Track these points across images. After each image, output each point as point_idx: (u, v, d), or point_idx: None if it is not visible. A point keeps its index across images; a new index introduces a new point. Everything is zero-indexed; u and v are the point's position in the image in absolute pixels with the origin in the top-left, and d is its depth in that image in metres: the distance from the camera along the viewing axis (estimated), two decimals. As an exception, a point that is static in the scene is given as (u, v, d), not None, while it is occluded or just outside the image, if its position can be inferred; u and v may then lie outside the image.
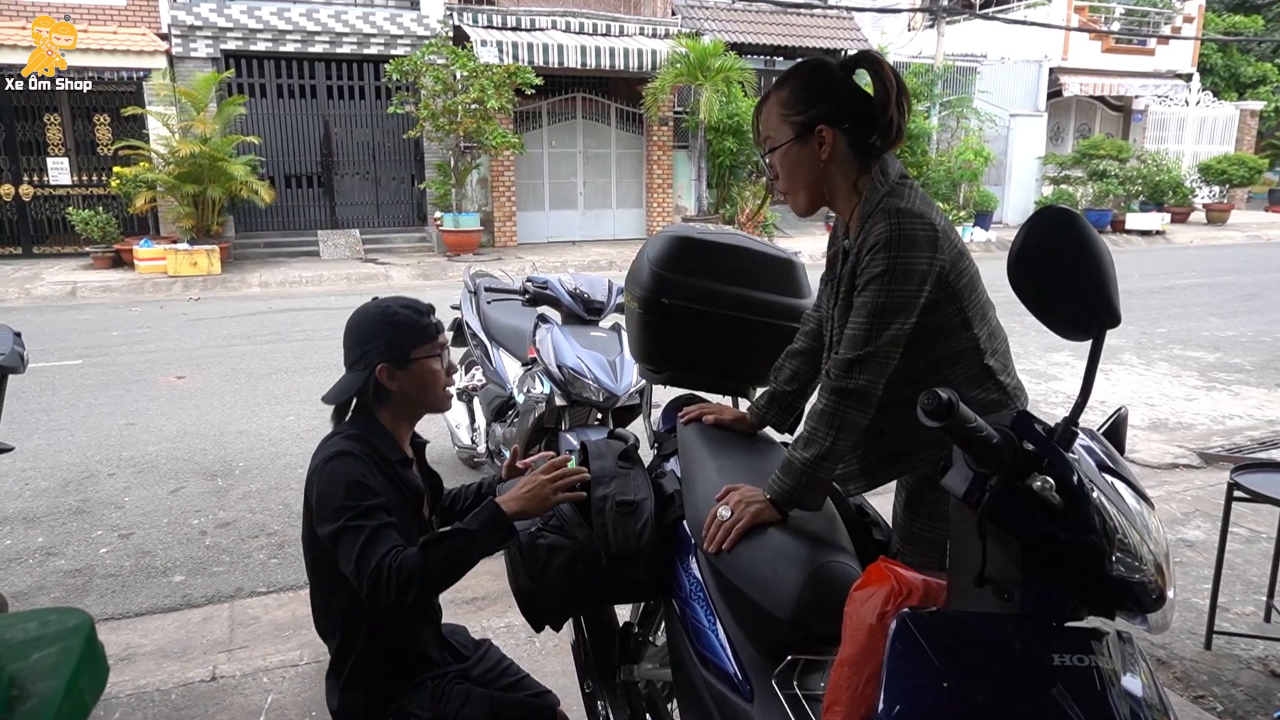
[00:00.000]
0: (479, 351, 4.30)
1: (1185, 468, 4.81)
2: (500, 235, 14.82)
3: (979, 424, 0.97)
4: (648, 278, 2.08)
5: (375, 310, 1.84)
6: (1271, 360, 7.25)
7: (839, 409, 1.52)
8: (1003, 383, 1.61)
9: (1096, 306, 1.03)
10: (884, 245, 1.50)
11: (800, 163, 1.64)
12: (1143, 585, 0.98)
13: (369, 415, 1.85)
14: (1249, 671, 2.69)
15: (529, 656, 2.78)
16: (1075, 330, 1.07)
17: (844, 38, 17.39)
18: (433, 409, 1.89)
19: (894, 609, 1.12)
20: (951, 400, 0.95)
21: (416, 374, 1.82)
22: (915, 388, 1.60)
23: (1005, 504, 0.97)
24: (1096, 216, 17.61)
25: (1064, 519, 0.95)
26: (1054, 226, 1.07)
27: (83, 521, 4.03)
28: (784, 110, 1.63)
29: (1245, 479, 2.72)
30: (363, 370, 1.80)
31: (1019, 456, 0.98)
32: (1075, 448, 1.02)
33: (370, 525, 1.66)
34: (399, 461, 1.84)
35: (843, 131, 1.61)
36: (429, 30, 14.02)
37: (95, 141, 13.30)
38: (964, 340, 1.59)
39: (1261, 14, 26.44)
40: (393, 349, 1.79)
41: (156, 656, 2.96)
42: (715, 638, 1.59)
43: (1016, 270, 1.10)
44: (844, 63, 1.66)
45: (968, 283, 1.58)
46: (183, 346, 7.77)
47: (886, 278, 1.50)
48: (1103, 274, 1.03)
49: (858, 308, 1.54)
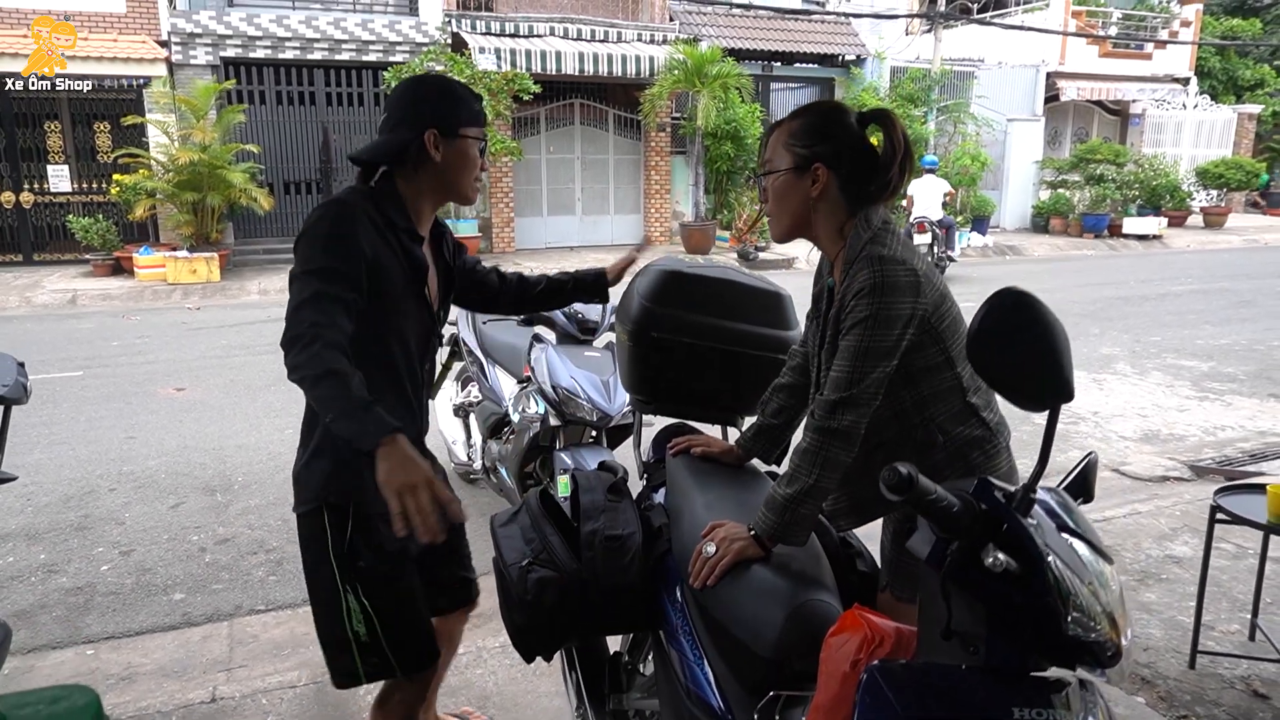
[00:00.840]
0: (475, 368, 4.34)
1: (1176, 480, 4.86)
2: (498, 241, 14.88)
3: (939, 494, 1.02)
4: (637, 311, 2.13)
5: (435, 79, 1.87)
6: (1264, 370, 7.29)
7: (823, 448, 1.57)
8: (986, 419, 1.67)
9: (1051, 383, 1.08)
10: (868, 291, 1.55)
11: (791, 193, 1.70)
12: (1099, 644, 1.02)
13: (388, 181, 1.83)
14: (1232, 691, 2.74)
15: (523, 677, 2.83)
16: (1032, 403, 1.12)
17: (841, 43, 17.45)
18: (461, 197, 1.88)
19: (867, 657, 1.17)
20: (911, 474, 0.99)
21: (460, 151, 1.82)
22: (902, 425, 1.66)
23: (966, 567, 1.02)
24: (1094, 221, 17.69)
25: (1021, 583, 1.00)
26: (1011, 307, 1.12)
27: (84, 538, 4.08)
28: (790, 140, 1.70)
29: (1226, 500, 2.77)
30: (409, 132, 1.78)
31: (978, 523, 1.03)
32: (1034, 511, 1.06)
33: (324, 290, 1.63)
34: (406, 232, 1.82)
35: (838, 175, 1.67)
36: (428, 37, 14.08)
37: (95, 149, 13.36)
38: (948, 379, 1.65)
39: (1259, 17, 26.49)
40: (445, 117, 1.79)
41: (157, 676, 3.00)
42: (700, 671, 1.64)
43: (975, 348, 1.15)
44: (861, 114, 1.72)
45: (950, 324, 1.64)
46: (182, 357, 7.81)
47: (870, 323, 1.55)
48: (1057, 352, 1.08)
49: (842, 351, 1.59)
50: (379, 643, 1.87)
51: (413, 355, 1.90)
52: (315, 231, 1.71)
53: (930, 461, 1.65)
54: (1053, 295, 11.01)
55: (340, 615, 1.84)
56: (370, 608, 1.84)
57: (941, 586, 1.04)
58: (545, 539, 1.84)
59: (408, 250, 1.83)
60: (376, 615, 1.85)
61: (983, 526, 1.03)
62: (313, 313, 1.63)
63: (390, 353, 1.85)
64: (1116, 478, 4.91)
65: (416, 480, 1.53)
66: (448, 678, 2.81)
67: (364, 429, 1.55)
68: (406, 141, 1.79)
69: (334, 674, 1.92)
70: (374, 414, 1.56)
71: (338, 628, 1.86)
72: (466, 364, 4.55)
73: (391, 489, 1.52)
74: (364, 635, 1.86)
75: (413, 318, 1.87)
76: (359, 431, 1.56)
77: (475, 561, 2.31)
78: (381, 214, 1.78)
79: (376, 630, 1.85)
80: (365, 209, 1.76)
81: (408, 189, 1.84)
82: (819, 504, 1.61)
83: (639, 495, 2.10)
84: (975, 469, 1.64)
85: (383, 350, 1.83)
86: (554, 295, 2.35)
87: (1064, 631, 1.00)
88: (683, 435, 2.19)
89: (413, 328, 1.88)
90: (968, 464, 1.65)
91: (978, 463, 1.66)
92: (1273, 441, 5.48)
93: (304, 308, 1.63)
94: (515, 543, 1.88)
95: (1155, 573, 3.52)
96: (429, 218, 1.92)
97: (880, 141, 1.69)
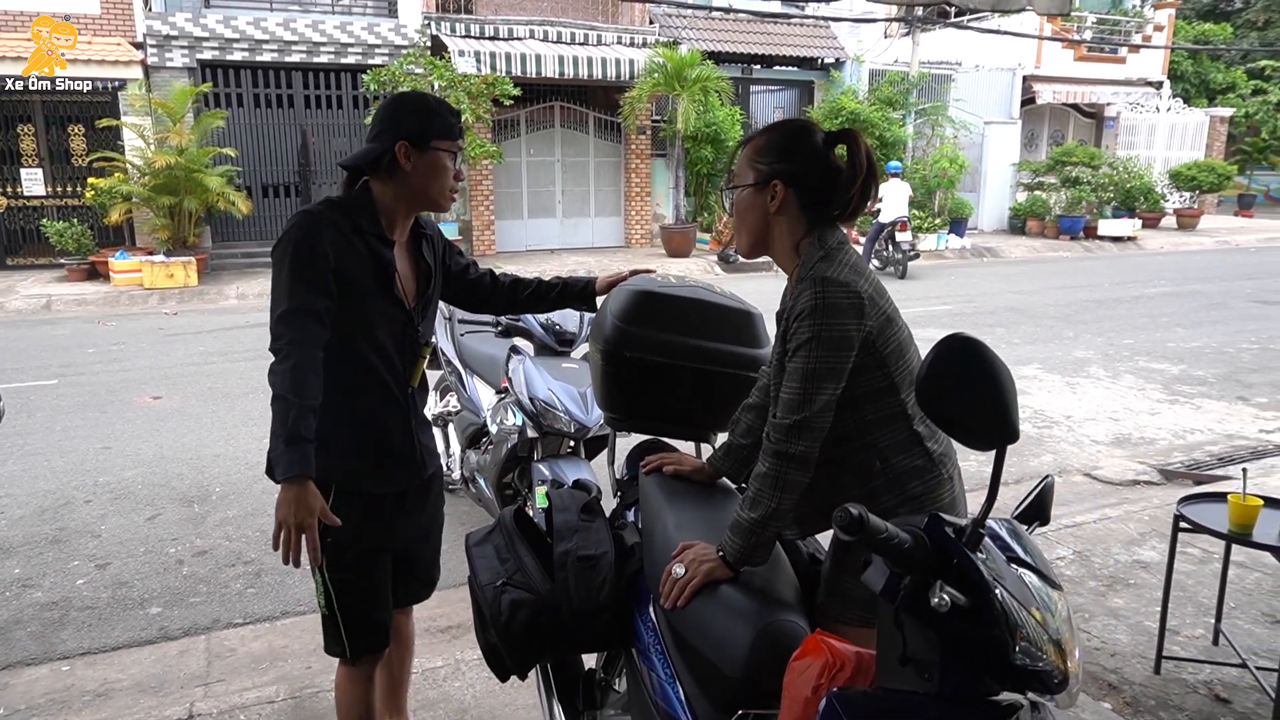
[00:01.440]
0: (453, 379, 4.36)
1: (1146, 484, 4.96)
2: (479, 244, 14.86)
3: (890, 532, 1.05)
4: (610, 331, 2.16)
5: (413, 95, 2.03)
6: (1233, 372, 7.42)
7: (781, 472, 1.60)
8: (930, 449, 1.65)
9: (998, 425, 1.12)
10: (809, 312, 1.57)
11: (751, 208, 1.74)
12: (1045, 672, 1.06)
13: (365, 189, 1.98)
14: (1195, 695, 2.80)
15: (500, 690, 2.84)
16: (979, 444, 1.16)
17: (820, 46, 17.55)
18: (434, 205, 2.01)
19: (828, 681, 1.20)
20: (861, 515, 1.03)
21: (430, 162, 1.95)
22: (845, 448, 1.66)
23: (919, 600, 1.05)
24: (1070, 223, 17.89)
25: (971, 615, 1.04)
26: (959, 352, 1.16)
27: (59, 551, 4.05)
28: (754, 156, 1.73)
29: (1189, 510, 2.83)
30: (383, 143, 1.92)
31: (930, 558, 1.06)
32: (984, 544, 1.10)
33: (298, 302, 1.83)
34: (374, 236, 1.96)
35: (798, 193, 1.70)
36: (407, 40, 14.04)
37: (70, 152, 13.22)
38: (892, 405, 1.65)
39: (1230, 21, 26.90)
40: (416, 130, 1.93)
41: (133, 692, 3.00)
42: (671, 689, 1.67)
43: (924, 391, 1.18)
44: (829, 134, 1.74)
45: (895, 349, 1.64)
46: (159, 364, 7.76)
47: (814, 344, 1.57)
48: (1002, 395, 1.12)
49: (790, 373, 1.60)
50: (335, 621, 2.05)
51: (389, 353, 2.02)
52: (284, 243, 1.88)
53: (868, 487, 1.66)
54: (1029, 298, 11.18)
55: (319, 590, 2.06)
56: (331, 585, 2.02)
57: (895, 618, 1.08)
58: (519, 559, 1.87)
59: (375, 253, 1.96)
60: (336, 595, 2.02)
61: (934, 562, 1.06)
62: (289, 328, 1.83)
63: (362, 352, 1.98)
64: (1088, 482, 5.00)
65: (297, 521, 1.77)
66: (425, 691, 2.84)
67: (280, 460, 1.77)
68: (380, 151, 1.93)
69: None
70: (294, 451, 1.76)
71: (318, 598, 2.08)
72: (445, 374, 4.56)
73: (277, 518, 1.78)
74: (324, 610, 2.06)
75: (385, 316, 2.00)
76: (276, 461, 1.79)
77: (450, 575, 2.38)
78: (350, 220, 1.93)
79: (335, 608, 2.03)
80: (332, 218, 1.92)
81: (382, 196, 1.98)
82: (782, 525, 1.65)
83: (612, 513, 2.13)
84: (914, 499, 1.64)
85: (356, 350, 1.97)
86: (543, 299, 2.47)
87: (1011, 661, 1.04)
88: (656, 452, 2.22)
89: (385, 326, 2.00)
90: (905, 492, 1.64)
91: (916, 492, 1.64)
92: (1240, 445, 5.59)
93: (283, 321, 1.83)
94: (490, 562, 1.91)
95: (1123, 578, 3.59)
96: (404, 223, 2.05)
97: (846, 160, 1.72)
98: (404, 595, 2.30)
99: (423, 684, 2.86)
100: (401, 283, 2.03)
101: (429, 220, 2.20)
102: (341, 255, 1.89)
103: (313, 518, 1.79)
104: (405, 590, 2.29)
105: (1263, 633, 3.14)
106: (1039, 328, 9.25)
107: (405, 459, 2.10)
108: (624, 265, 14.16)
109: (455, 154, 1.99)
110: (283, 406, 1.78)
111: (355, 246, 1.92)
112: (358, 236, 1.92)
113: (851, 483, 1.67)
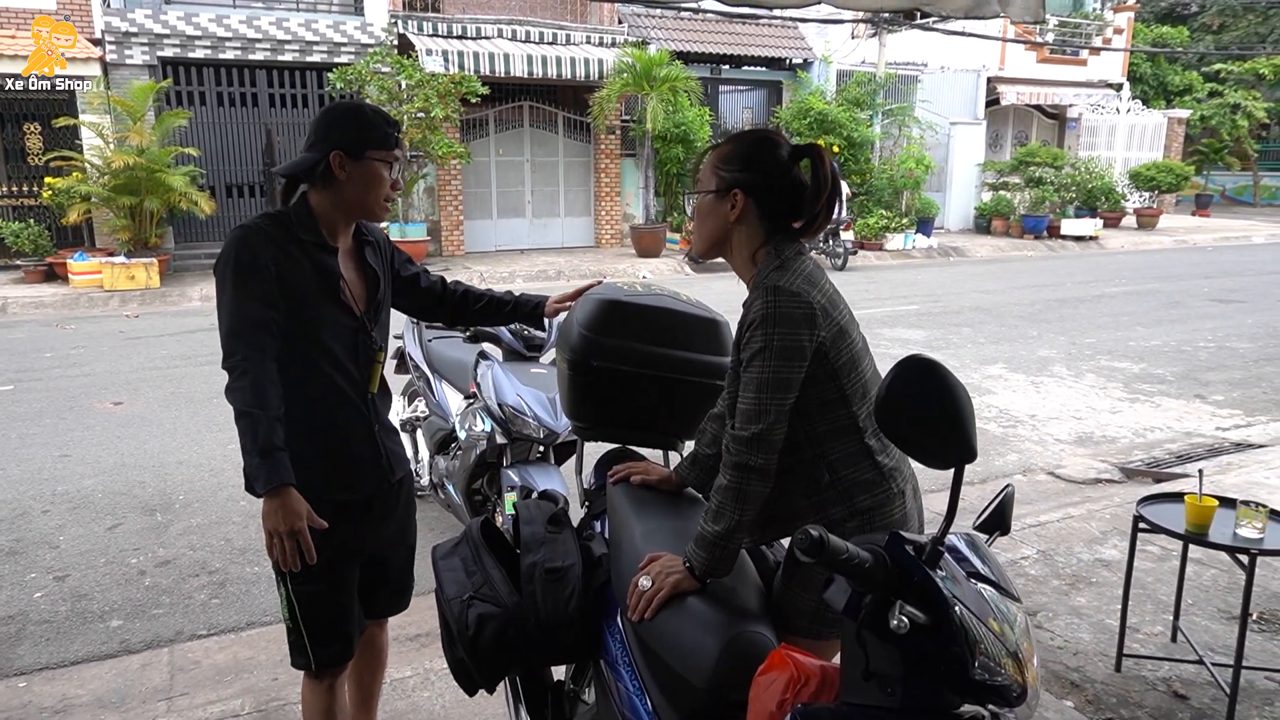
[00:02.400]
0: (421, 383, 4.32)
1: (1108, 482, 5.05)
2: (448, 244, 14.77)
3: (851, 553, 1.06)
4: (577, 340, 2.15)
5: (347, 104, 2.05)
6: (1191, 370, 7.59)
7: (742, 484, 1.60)
8: (880, 463, 1.65)
9: (956, 444, 1.14)
10: (760, 322, 1.58)
11: (711, 214, 1.75)
12: (1005, 686, 1.08)
13: (302, 199, 1.98)
14: (1154, 693, 2.86)
15: (469, 701, 2.82)
16: (939, 463, 1.18)
17: (788, 46, 17.66)
18: (369, 214, 2.02)
19: (792, 696, 1.21)
20: (821, 537, 1.04)
21: (365, 172, 1.94)
22: (795, 457, 1.66)
23: (880, 618, 1.07)
24: (1034, 222, 18.17)
25: (931, 632, 1.05)
26: (917, 373, 1.17)
27: (15, 564, 3.96)
28: (717, 162, 1.74)
29: (1148, 510, 2.89)
30: (318, 152, 1.92)
31: (890, 577, 1.08)
32: (943, 560, 1.12)
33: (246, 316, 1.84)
34: (315, 244, 1.96)
35: (757, 203, 1.71)
36: (373, 39, 13.90)
37: (26, 150, 12.92)
38: (843, 418, 1.65)
39: (1187, 24, 27.47)
40: (351, 140, 1.93)
41: (94, 708, 2.94)
42: (640, 702, 1.67)
43: (883, 412, 1.20)
44: (795, 148, 1.75)
45: (848, 361, 1.64)
46: (120, 369, 7.62)
47: (767, 354, 1.57)
48: (961, 416, 1.14)
49: (746, 383, 1.61)
50: (300, 633, 2.04)
51: (337, 357, 2.01)
52: (224, 259, 1.89)
53: (817, 498, 1.66)
54: (994, 297, 11.34)
55: (280, 600, 2.05)
56: (295, 596, 2.00)
57: (858, 635, 1.09)
58: (486, 571, 1.86)
59: (317, 261, 1.97)
60: (300, 606, 2.01)
61: (895, 580, 1.08)
62: (240, 344, 1.84)
63: (314, 360, 1.98)
64: (1052, 481, 5.08)
65: (288, 528, 1.80)
66: (394, 701, 2.81)
67: (258, 474, 1.79)
68: (315, 161, 1.93)
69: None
70: (270, 462, 1.78)
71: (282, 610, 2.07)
72: (413, 378, 4.52)
73: (266, 528, 1.82)
74: (289, 623, 2.05)
75: (335, 324, 2.00)
76: (255, 474, 1.80)
77: (419, 583, 2.37)
78: (287, 231, 1.94)
79: (299, 620, 2.02)
80: (269, 231, 1.93)
81: (320, 205, 1.98)
82: (744, 536, 1.65)
83: (580, 523, 2.12)
84: (862, 512, 1.64)
85: (308, 358, 1.97)
86: (493, 314, 2.46)
87: (971, 676, 1.05)
88: (624, 461, 2.22)
89: (335, 333, 2.00)
90: (853, 505, 1.64)
91: (864, 506, 1.64)
92: (1198, 442, 5.72)
93: (234, 338, 1.85)
94: (456, 575, 1.90)
95: (1085, 576, 3.65)
96: (344, 230, 2.06)
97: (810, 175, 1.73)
98: (377, 606, 2.28)
99: (391, 694, 2.83)
100: (349, 289, 2.03)
101: (372, 227, 2.18)
102: (282, 266, 1.90)
103: (301, 521, 1.81)
104: (378, 600, 2.27)
105: (1219, 629, 3.21)
106: (1004, 327, 9.38)
107: (369, 464, 2.09)
108: (594, 265, 14.21)
109: (391, 164, 1.99)
110: (249, 422, 1.79)
111: (295, 256, 1.93)
112: (296, 246, 1.93)
113: (800, 492, 1.68)
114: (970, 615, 1.06)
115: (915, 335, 8.59)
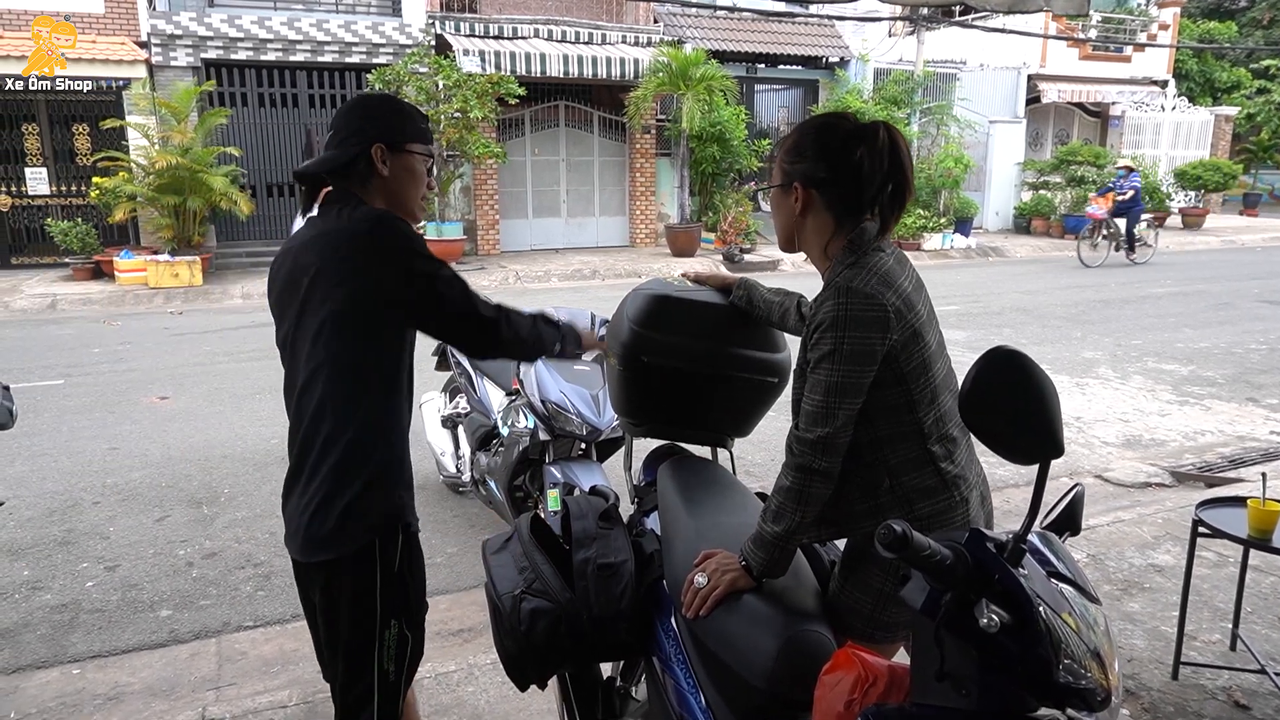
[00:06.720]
0: (463, 380, 4.34)
1: (1158, 486, 4.93)
2: (483, 244, 14.84)
3: (932, 549, 1.03)
4: (627, 336, 2.13)
5: (379, 95, 1.92)
6: (1242, 373, 7.39)
7: (804, 486, 1.56)
8: (942, 469, 1.59)
9: (1042, 438, 1.10)
10: (829, 325, 1.52)
11: (779, 207, 1.72)
12: (1089, 690, 1.04)
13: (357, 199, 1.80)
14: (1214, 702, 2.78)
15: (514, 695, 2.80)
16: (1024, 458, 1.14)
17: (825, 45, 17.52)
18: (407, 211, 1.87)
19: (860, 696, 1.18)
20: (905, 533, 1.01)
21: (406, 165, 1.82)
22: (855, 461, 1.61)
23: (960, 617, 1.03)
24: (1075, 222, 17.82)
25: (1014, 632, 1.02)
26: (1003, 366, 1.14)
27: (68, 553, 4.04)
28: (783, 156, 1.70)
29: (1208, 514, 2.81)
30: (356, 146, 1.77)
31: (971, 575, 1.04)
32: (1025, 560, 1.08)
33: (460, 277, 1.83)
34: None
35: (820, 194, 1.64)
36: (411, 39, 14.02)
37: (74, 151, 13.22)
38: (908, 423, 1.59)
39: (1235, 20, 26.81)
40: (392, 131, 1.80)
41: (145, 695, 2.99)
42: (694, 700, 1.65)
43: (967, 405, 1.16)
44: (856, 128, 1.63)
45: (918, 365, 1.58)
46: (165, 364, 7.75)
47: (836, 358, 1.52)
48: (1047, 409, 1.10)
49: (812, 385, 1.56)
50: (399, 678, 1.84)
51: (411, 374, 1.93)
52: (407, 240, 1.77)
53: (874, 502, 1.61)
54: (1035, 297, 11.14)
55: (371, 661, 1.79)
56: (411, 637, 1.84)
57: (935, 633, 1.06)
58: (537, 568, 1.85)
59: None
60: (413, 643, 1.85)
61: (975, 578, 1.04)
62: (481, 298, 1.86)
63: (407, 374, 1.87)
64: (1100, 484, 4.97)
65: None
66: (439, 695, 2.83)
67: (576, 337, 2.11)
68: (354, 155, 1.78)
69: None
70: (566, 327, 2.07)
71: (366, 675, 1.80)
72: (454, 375, 4.54)
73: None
74: (392, 674, 1.82)
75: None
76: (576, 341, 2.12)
77: (462, 578, 2.35)
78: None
79: (404, 662, 1.84)
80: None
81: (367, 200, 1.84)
82: (803, 537, 1.63)
83: (630, 520, 2.11)
84: (921, 519, 1.58)
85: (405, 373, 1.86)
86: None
87: (1055, 679, 1.02)
88: (673, 457, 2.20)
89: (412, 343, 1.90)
90: (913, 512, 1.58)
91: (924, 513, 1.58)
92: (1252, 446, 5.56)
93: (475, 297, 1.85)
94: (508, 571, 1.89)
95: (1138, 582, 3.56)
96: None
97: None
98: None
99: (436, 689, 2.84)
100: None
101: None
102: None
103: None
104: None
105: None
106: (1046, 328, 9.21)
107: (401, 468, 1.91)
108: (629, 264, 14.19)
109: (430, 160, 1.87)
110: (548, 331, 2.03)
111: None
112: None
113: (858, 496, 1.63)
114: (1054, 615, 1.03)
115: (957, 336, 8.45)
